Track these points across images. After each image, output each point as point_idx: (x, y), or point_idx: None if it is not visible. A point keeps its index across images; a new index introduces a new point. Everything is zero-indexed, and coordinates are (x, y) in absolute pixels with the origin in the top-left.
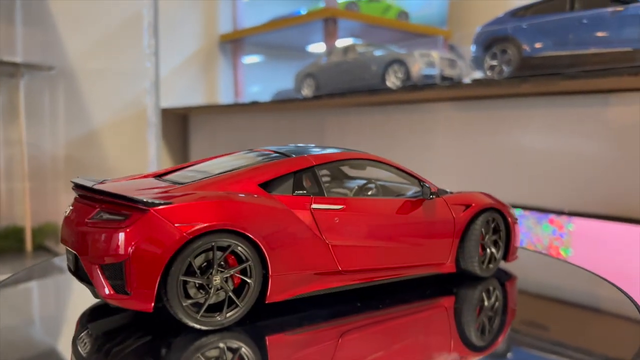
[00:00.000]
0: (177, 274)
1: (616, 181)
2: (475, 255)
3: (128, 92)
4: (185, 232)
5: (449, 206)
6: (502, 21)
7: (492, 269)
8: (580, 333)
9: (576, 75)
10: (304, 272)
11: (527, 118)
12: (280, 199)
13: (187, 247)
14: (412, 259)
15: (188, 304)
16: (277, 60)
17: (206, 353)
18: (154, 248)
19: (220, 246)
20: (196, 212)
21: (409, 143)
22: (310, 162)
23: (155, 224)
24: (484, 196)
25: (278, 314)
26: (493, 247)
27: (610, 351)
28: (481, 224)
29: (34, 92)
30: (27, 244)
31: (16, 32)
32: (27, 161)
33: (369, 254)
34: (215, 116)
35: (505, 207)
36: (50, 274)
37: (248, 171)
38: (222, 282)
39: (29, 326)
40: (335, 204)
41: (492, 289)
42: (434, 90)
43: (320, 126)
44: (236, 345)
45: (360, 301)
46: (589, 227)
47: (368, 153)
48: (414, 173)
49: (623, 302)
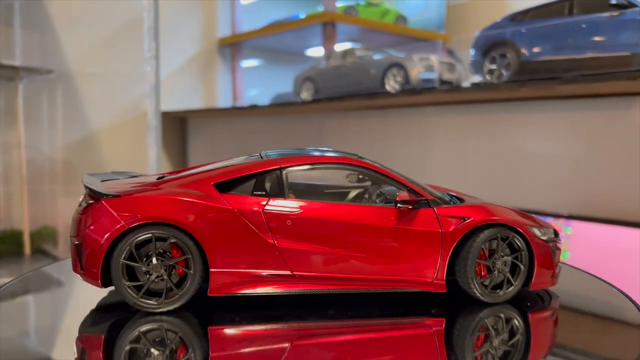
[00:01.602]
0: (118, 257)
1: (615, 185)
2: (471, 276)
3: (127, 96)
4: (124, 221)
5: (437, 218)
6: (501, 25)
7: (501, 295)
8: (580, 335)
9: (575, 79)
10: (249, 270)
11: (526, 122)
12: (233, 198)
13: (126, 235)
14: (384, 272)
15: (129, 285)
16: (275, 64)
17: (148, 334)
18: (99, 233)
19: (160, 237)
20: (138, 205)
21: (407, 147)
22: (277, 164)
23: (103, 212)
24: (501, 210)
25: (237, 309)
26: (507, 270)
27: (612, 354)
28: (482, 241)
29: (33, 95)
30: (25, 248)
31: (15, 35)
32: (25, 165)
33: (328, 260)
34: (214, 120)
35: (524, 225)
36: (43, 283)
37: (208, 172)
38: (162, 271)
39: (24, 336)
40: (291, 207)
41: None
42: (433, 94)
43: (319, 130)
44: (178, 330)
45: (334, 309)
46: (587, 231)
47: (353, 157)
48: (401, 179)
49: (624, 304)
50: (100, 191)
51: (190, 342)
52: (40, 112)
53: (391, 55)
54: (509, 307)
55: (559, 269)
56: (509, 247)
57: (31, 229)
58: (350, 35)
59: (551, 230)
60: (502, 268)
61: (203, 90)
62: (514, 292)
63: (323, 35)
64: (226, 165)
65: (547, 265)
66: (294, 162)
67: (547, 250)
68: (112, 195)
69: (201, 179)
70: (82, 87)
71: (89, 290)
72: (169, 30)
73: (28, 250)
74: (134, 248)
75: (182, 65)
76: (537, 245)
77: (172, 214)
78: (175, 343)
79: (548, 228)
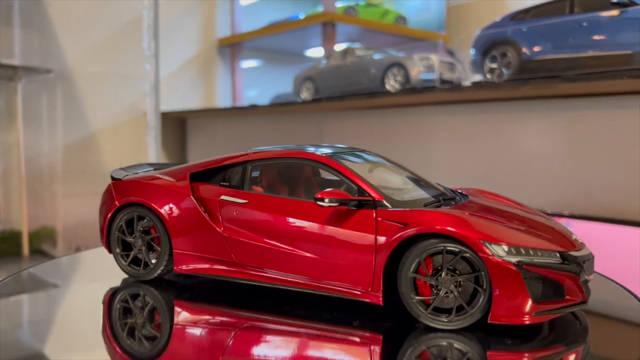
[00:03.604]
0: (115, 231)
1: (616, 184)
2: (407, 293)
3: (127, 96)
4: (117, 201)
5: (376, 222)
6: (502, 24)
7: (445, 321)
8: (583, 333)
9: (575, 78)
10: (201, 254)
11: (526, 121)
12: (200, 187)
13: (118, 212)
14: (316, 273)
15: (120, 253)
16: (275, 64)
17: (136, 300)
18: (105, 210)
19: (139, 216)
20: (127, 189)
21: (408, 146)
22: (245, 158)
23: (109, 194)
24: (472, 221)
25: (205, 289)
26: (457, 292)
27: (614, 353)
28: (418, 252)
29: (32, 95)
30: (24, 248)
31: (14, 35)
32: (24, 165)
33: (265, 253)
34: (214, 120)
35: (476, 240)
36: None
37: (198, 163)
38: (142, 244)
39: (17, 330)
40: (240, 198)
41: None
42: (434, 94)
43: (319, 130)
44: (145, 295)
45: (291, 305)
46: (587, 230)
47: (344, 151)
48: (354, 176)
49: (628, 301)
50: (111, 175)
51: (160, 310)
52: (40, 112)
53: (391, 55)
54: (470, 338)
55: (556, 306)
56: (471, 266)
57: (30, 230)
58: (350, 35)
59: (552, 254)
60: (452, 289)
61: (202, 91)
62: (469, 321)
63: (323, 36)
64: (215, 158)
65: (513, 294)
66: (260, 156)
67: (512, 275)
68: (116, 179)
69: (184, 169)
70: (82, 86)
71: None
72: (169, 31)
73: (27, 251)
74: (124, 223)
75: (181, 66)
76: (496, 267)
77: (145, 197)
78: (150, 310)
79: (545, 250)
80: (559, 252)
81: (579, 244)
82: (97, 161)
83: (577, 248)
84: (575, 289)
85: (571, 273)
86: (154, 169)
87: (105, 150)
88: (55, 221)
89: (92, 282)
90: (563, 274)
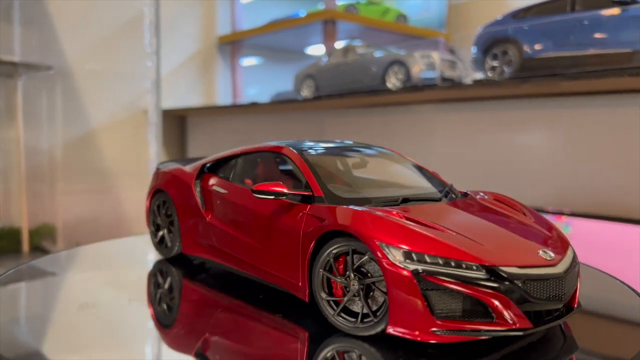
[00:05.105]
0: (150, 213)
1: (617, 182)
2: (318, 291)
3: (127, 93)
4: (152, 188)
5: (305, 217)
6: (503, 22)
7: (351, 326)
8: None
9: (577, 76)
10: (199, 238)
11: (527, 119)
12: (206, 178)
13: (153, 197)
14: (266, 265)
15: (153, 231)
16: (275, 62)
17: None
18: (148, 194)
19: (164, 201)
20: (159, 178)
21: (408, 144)
22: (238, 152)
23: (151, 182)
24: (378, 221)
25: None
26: (362, 295)
27: (612, 350)
28: (328, 251)
29: (32, 92)
30: (23, 245)
31: (14, 31)
32: (24, 162)
33: (230, 240)
34: (214, 118)
35: (373, 240)
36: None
37: (210, 157)
38: (166, 225)
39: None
40: (223, 189)
41: None
42: (435, 91)
43: (320, 127)
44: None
45: (264, 294)
46: (587, 229)
47: (286, 147)
48: (308, 173)
49: (629, 297)
50: (157, 166)
51: (172, 286)
52: (40, 109)
53: (392, 53)
54: (378, 347)
55: (473, 327)
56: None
57: (30, 227)
58: (351, 33)
59: (477, 267)
60: (359, 292)
61: (203, 89)
62: (374, 329)
63: (323, 34)
64: (226, 152)
65: (409, 305)
66: (246, 150)
67: (408, 284)
68: (157, 169)
69: (202, 162)
70: (82, 84)
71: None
72: (169, 28)
73: (27, 248)
74: (155, 206)
75: (181, 64)
76: (391, 273)
77: (165, 186)
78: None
79: (468, 262)
80: (486, 266)
81: (548, 261)
82: (97, 158)
83: (530, 264)
84: (505, 312)
85: (499, 292)
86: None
87: (105, 147)
88: (55, 218)
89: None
90: (487, 292)
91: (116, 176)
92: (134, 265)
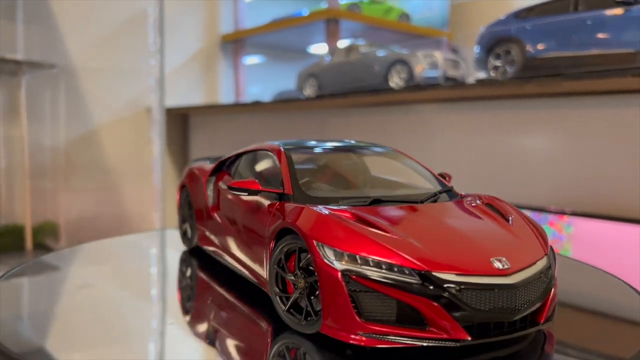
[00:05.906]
0: (182, 204)
1: (620, 182)
2: (271, 286)
3: (130, 91)
4: (180, 183)
5: (272, 214)
6: (506, 22)
7: (296, 323)
8: (581, 329)
9: (580, 76)
10: (207, 232)
11: (530, 119)
12: (222, 176)
13: (182, 190)
14: (247, 259)
15: (180, 224)
16: (278, 61)
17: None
18: (178, 189)
19: (186, 195)
20: (186, 174)
21: (411, 144)
22: (239, 152)
23: (183, 175)
24: (321, 219)
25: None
26: (306, 293)
27: (612, 349)
28: (280, 248)
29: (36, 90)
30: (27, 243)
31: (17, 30)
32: (27, 159)
33: (226, 235)
34: (216, 116)
35: (310, 239)
36: (43, 272)
37: (227, 155)
38: (188, 218)
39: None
40: (225, 185)
41: None
42: (437, 91)
43: (322, 126)
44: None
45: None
46: (589, 228)
47: (275, 145)
48: (285, 172)
49: (630, 297)
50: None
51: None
52: (43, 107)
53: (395, 52)
54: (321, 346)
55: (401, 332)
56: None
57: (33, 224)
58: (354, 32)
59: (410, 272)
60: (303, 290)
61: (205, 87)
62: (315, 328)
63: (326, 32)
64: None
65: (338, 305)
66: (248, 150)
67: (336, 284)
68: (189, 167)
69: (221, 159)
70: (85, 82)
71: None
72: (172, 27)
73: (30, 245)
74: (182, 200)
75: (184, 62)
76: (322, 272)
77: (187, 181)
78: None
79: (402, 266)
80: (419, 272)
81: (499, 270)
82: (100, 156)
83: (473, 272)
84: (439, 320)
85: (428, 299)
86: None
87: (108, 145)
88: (59, 216)
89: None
90: (417, 298)
91: (119, 174)
92: (138, 262)
